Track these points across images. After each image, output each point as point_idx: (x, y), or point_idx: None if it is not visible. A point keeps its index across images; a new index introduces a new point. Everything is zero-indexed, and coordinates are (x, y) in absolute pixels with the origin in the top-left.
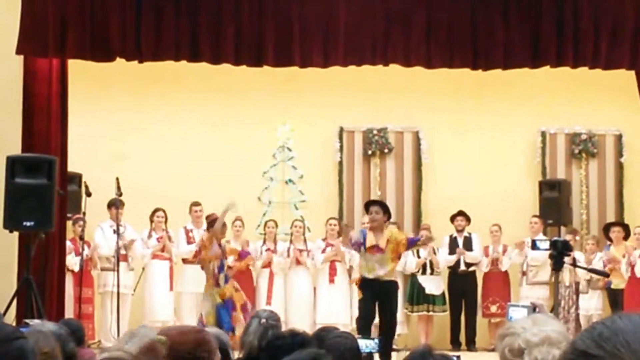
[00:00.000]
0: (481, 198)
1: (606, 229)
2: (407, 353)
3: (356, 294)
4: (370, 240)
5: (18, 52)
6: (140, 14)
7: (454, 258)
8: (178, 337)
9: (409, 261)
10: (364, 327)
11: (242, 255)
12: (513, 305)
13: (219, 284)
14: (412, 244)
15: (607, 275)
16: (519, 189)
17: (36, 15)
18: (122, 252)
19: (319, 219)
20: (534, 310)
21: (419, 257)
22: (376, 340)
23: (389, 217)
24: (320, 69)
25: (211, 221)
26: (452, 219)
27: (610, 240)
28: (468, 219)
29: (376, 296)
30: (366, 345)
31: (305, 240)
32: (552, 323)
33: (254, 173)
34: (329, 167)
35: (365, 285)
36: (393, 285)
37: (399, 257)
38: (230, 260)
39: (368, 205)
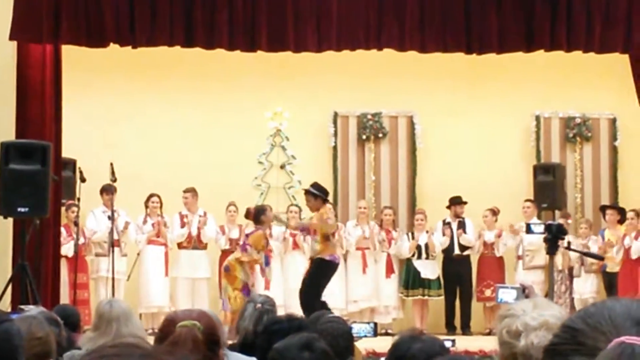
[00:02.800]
0: (475, 182)
1: (603, 210)
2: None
3: (352, 278)
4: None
5: (11, 37)
6: (133, 0)
7: (446, 239)
8: (205, 320)
9: (403, 246)
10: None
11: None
12: (502, 286)
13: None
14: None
15: (602, 259)
16: (513, 173)
17: (30, 0)
18: (116, 237)
19: None
20: (523, 291)
21: (412, 239)
22: (372, 325)
23: (323, 200)
24: (314, 54)
25: (255, 214)
26: (451, 206)
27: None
28: (464, 204)
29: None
30: (361, 329)
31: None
32: (553, 308)
33: (248, 158)
34: (323, 152)
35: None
36: (315, 261)
37: (327, 238)
38: None
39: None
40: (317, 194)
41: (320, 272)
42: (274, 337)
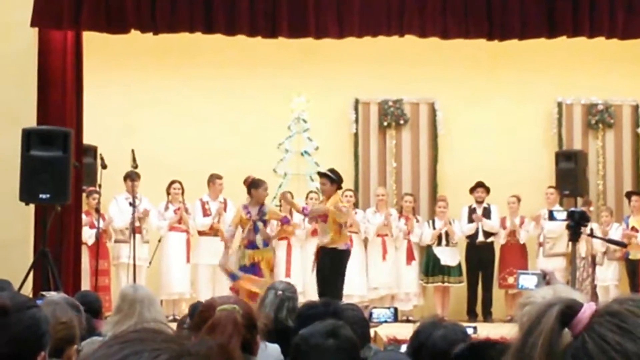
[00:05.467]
0: (497, 169)
1: (628, 196)
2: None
3: (372, 265)
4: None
5: (33, 24)
6: None
7: (473, 226)
8: (243, 304)
9: (425, 233)
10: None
11: (284, 221)
12: (523, 272)
13: (255, 246)
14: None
15: (625, 246)
16: (535, 160)
17: None
18: (137, 224)
19: None
20: (544, 277)
21: (434, 228)
22: (392, 310)
23: (339, 186)
24: (335, 40)
25: (248, 185)
26: (472, 190)
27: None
28: (487, 190)
29: (318, 262)
30: (382, 314)
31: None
32: (573, 294)
33: (269, 145)
34: (344, 138)
35: (317, 252)
36: (329, 252)
37: (340, 226)
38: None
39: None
40: (334, 179)
41: (340, 264)
42: (309, 323)
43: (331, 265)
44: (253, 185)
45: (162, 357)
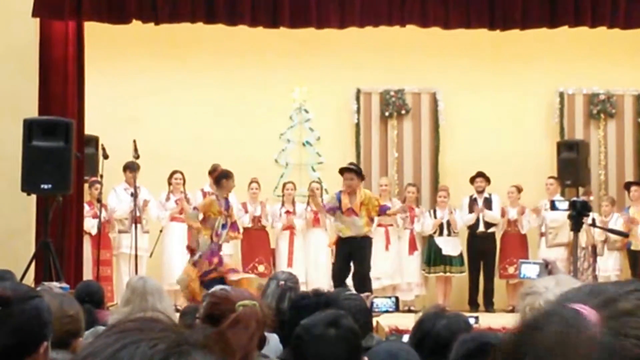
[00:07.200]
0: (499, 159)
1: (627, 186)
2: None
3: (375, 255)
4: (345, 203)
5: (34, 14)
6: None
7: (473, 216)
8: (257, 299)
9: (426, 222)
10: (339, 281)
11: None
12: (525, 262)
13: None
14: (382, 212)
15: (627, 236)
16: (536, 150)
17: None
18: (137, 214)
19: (336, 180)
20: (546, 266)
21: (435, 217)
22: (393, 299)
23: (363, 179)
24: (336, 30)
25: (218, 175)
26: (472, 180)
27: None
28: (488, 180)
29: (349, 253)
30: (383, 303)
31: (322, 202)
32: (576, 285)
33: (271, 135)
34: (346, 128)
35: (341, 244)
36: (365, 240)
37: (372, 219)
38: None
39: (342, 171)
40: (361, 174)
41: (371, 250)
42: (302, 313)
43: (368, 252)
44: (224, 175)
45: (160, 347)
